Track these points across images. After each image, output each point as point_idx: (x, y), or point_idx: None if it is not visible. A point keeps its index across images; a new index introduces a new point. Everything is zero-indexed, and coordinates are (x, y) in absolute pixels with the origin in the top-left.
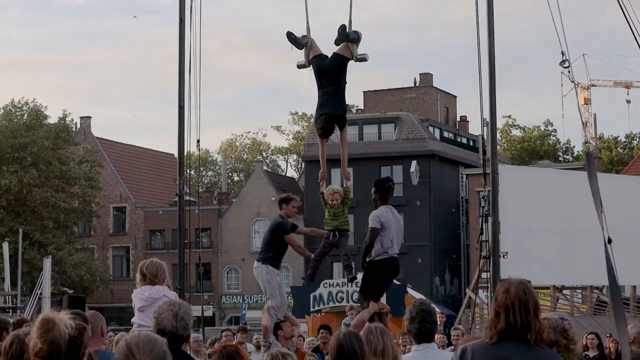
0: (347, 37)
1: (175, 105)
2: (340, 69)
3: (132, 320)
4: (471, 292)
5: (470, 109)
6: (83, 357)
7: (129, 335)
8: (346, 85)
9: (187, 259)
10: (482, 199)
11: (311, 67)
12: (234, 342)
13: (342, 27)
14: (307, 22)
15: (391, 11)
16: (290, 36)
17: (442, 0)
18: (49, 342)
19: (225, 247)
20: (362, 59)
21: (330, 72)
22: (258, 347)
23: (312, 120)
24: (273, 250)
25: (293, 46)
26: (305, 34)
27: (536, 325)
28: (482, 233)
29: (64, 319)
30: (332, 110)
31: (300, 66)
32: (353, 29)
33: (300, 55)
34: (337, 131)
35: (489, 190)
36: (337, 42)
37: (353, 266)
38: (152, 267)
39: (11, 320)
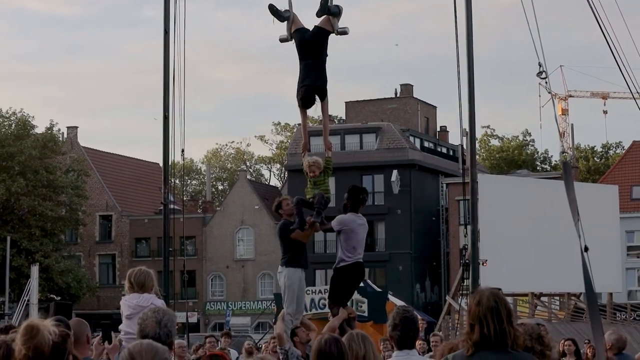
0: (329, 10)
1: (161, 115)
2: (321, 42)
3: (120, 327)
4: (451, 299)
5: (450, 119)
6: None
7: (132, 344)
8: (327, 57)
9: (172, 267)
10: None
11: (293, 40)
12: (217, 348)
13: None
14: None
15: (372, 24)
16: (272, 8)
17: (422, 13)
18: (33, 348)
19: (210, 254)
20: (343, 32)
21: (311, 44)
22: (250, 353)
23: (294, 130)
24: (289, 252)
25: (275, 19)
26: (287, 7)
27: (511, 333)
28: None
29: (48, 325)
30: (312, 82)
31: (282, 40)
32: (334, 2)
33: (282, 29)
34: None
35: (468, 199)
36: (318, 14)
37: (322, 215)
38: (139, 276)
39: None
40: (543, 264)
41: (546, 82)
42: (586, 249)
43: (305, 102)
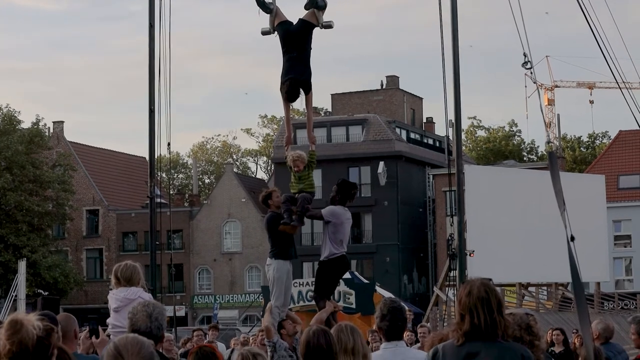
0: (316, 3)
1: (146, 109)
2: (306, 35)
3: (108, 321)
4: (439, 290)
5: (436, 111)
6: (52, 358)
7: (117, 338)
8: (311, 51)
9: (160, 260)
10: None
11: (276, 33)
12: (205, 341)
13: None
14: None
15: (358, 16)
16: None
17: (408, 4)
18: (17, 343)
19: (197, 248)
20: (328, 26)
21: (296, 37)
22: (244, 344)
23: (280, 123)
24: (277, 245)
25: (260, 10)
26: (272, 0)
27: (501, 323)
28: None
29: (32, 320)
30: (297, 75)
31: (264, 33)
32: None
33: (265, 22)
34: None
35: (454, 190)
36: (306, 7)
37: (298, 217)
38: (126, 271)
39: None
40: (530, 254)
41: (532, 73)
42: (572, 239)
43: (290, 95)
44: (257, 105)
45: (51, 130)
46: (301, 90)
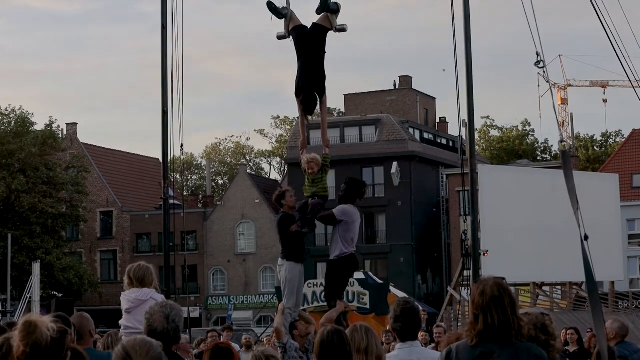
0: (328, 7)
1: (159, 110)
2: (320, 39)
3: (120, 322)
4: (453, 290)
5: (450, 111)
6: (66, 359)
7: (126, 339)
8: (325, 55)
9: (174, 262)
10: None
11: (291, 38)
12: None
13: None
14: None
15: (370, 16)
16: (271, 5)
17: (420, 4)
18: (32, 344)
19: (211, 249)
20: (342, 29)
21: (310, 42)
22: (248, 347)
23: (294, 124)
24: (289, 246)
25: (273, 16)
26: (286, 5)
27: (515, 322)
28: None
29: (46, 321)
30: (310, 80)
31: (280, 37)
32: (333, 0)
33: (280, 26)
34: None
35: (468, 190)
36: (318, 11)
37: (308, 225)
38: (139, 271)
39: (1, 323)
40: (544, 253)
41: (544, 72)
42: (586, 238)
43: (306, 108)
44: (270, 106)
45: (65, 132)
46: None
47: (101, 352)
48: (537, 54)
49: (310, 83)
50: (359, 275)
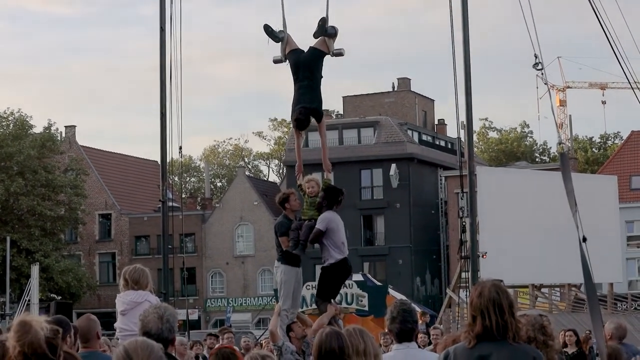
0: (326, 31)
1: (158, 113)
2: (316, 63)
3: (115, 324)
4: (451, 292)
5: (448, 112)
6: (59, 359)
7: (127, 341)
8: (322, 79)
9: (172, 264)
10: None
11: (287, 61)
12: (219, 345)
13: (322, 19)
14: (284, 17)
15: (369, 18)
16: (268, 29)
17: (418, 7)
18: (28, 344)
19: (210, 251)
20: (339, 53)
21: (306, 66)
22: (247, 349)
23: (291, 126)
24: (285, 250)
25: (270, 39)
26: (282, 29)
27: (513, 324)
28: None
29: (40, 321)
30: (308, 104)
31: (276, 61)
32: (330, 24)
33: (276, 49)
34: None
35: (466, 192)
36: (315, 35)
37: (301, 246)
38: (134, 273)
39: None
40: (543, 255)
41: (542, 74)
42: (584, 240)
43: (300, 123)
44: (268, 109)
45: (63, 135)
46: (313, 118)
47: (105, 355)
48: (536, 56)
49: (307, 106)
50: (357, 277)
